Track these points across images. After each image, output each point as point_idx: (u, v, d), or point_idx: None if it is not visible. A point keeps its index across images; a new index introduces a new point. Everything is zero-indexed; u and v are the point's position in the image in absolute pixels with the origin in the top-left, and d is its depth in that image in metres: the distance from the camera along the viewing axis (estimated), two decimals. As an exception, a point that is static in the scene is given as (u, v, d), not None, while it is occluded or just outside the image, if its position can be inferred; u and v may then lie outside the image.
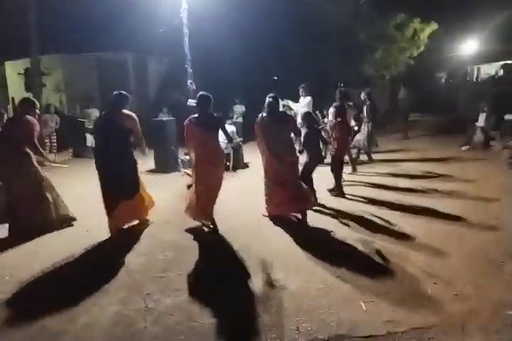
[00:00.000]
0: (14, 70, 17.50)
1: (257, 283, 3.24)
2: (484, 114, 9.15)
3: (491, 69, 15.16)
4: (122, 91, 4.46)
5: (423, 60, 16.97)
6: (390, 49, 16.37)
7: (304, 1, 15.66)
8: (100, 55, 17.49)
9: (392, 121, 13.27)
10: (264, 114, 4.79)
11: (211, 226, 4.51)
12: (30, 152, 4.52)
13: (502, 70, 13.08)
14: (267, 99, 4.80)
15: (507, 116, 8.27)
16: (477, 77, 17.31)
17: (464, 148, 9.30)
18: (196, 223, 4.61)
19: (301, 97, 8.11)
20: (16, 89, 17.61)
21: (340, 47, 16.29)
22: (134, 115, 4.41)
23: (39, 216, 4.51)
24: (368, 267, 3.50)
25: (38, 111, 4.82)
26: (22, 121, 4.49)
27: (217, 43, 14.41)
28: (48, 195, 4.59)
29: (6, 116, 5.54)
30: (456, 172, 6.92)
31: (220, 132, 4.53)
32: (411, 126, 12.52)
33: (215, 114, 4.47)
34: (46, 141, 9.45)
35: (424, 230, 4.29)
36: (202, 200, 4.45)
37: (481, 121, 9.15)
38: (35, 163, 4.56)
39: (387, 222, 4.59)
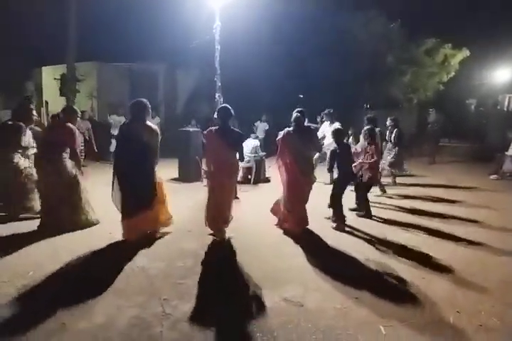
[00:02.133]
0: (50, 75, 18.22)
1: (274, 298, 3.20)
2: (514, 143, 8.97)
3: (523, 99, 14.93)
4: (142, 99, 4.43)
5: (453, 85, 16.87)
6: (418, 73, 16.35)
7: (335, 23, 15.89)
8: (133, 65, 18.09)
9: (419, 145, 13.12)
10: (291, 128, 4.84)
11: (217, 238, 4.50)
12: (67, 156, 4.75)
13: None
14: (294, 114, 4.84)
15: (538, 146, 8.08)
16: (508, 106, 17.03)
17: (492, 177, 9.08)
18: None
19: (325, 122, 8.31)
20: (51, 94, 18.30)
21: (370, 69, 16.36)
22: (157, 129, 4.38)
23: (67, 216, 4.65)
24: (389, 290, 3.42)
25: (79, 118, 5.07)
26: (66, 128, 4.73)
27: (247, 61, 14.70)
28: (78, 198, 4.73)
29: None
30: (483, 201, 6.75)
31: (247, 146, 4.60)
32: (439, 151, 12.34)
33: (235, 128, 4.53)
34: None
35: (448, 256, 4.17)
36: (212, 211, 4.50)
37: (511, 151, 8.95)
38: (72, 166, 4.75)
39: (412, 245, 4.50)
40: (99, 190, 5.26)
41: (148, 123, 4.38)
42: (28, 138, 5.23)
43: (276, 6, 13.99)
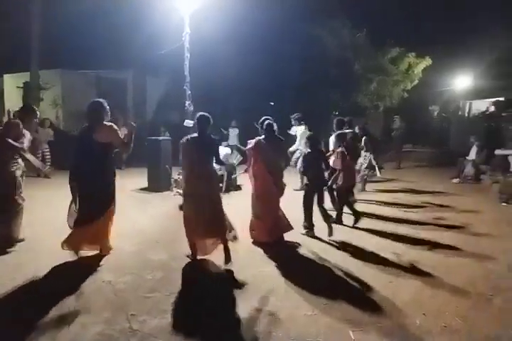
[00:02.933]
0: (13, 83, 17.61)
1: (245, 308, 3.18)
2: (475, 148, 9.36)
3: (483, 105, 15.61)
4: (98, 100, 4.20)
5: (417, 93, 17.46)
6: (384, 81, 16.83)
7: (303, 31, 16.21)
8: (100, 73, 17.72)
9: (385, 151, 13.47)
10: (262, 136, 4.85)
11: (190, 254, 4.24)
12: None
13: (493, 107, 13.48)
14: (266, 121, 4.85)
15: (497, 151, 8.45)
16: (469, 112, 17.79)
17: (454, 180, 9.43)
18: (186, 244, 4.52)
19: (294, 126, 8.64)
20: (14, 102, 17.65)
21: (338, 76, 16.72)
22: (113, 125, 4.06)
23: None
24: (358, 296, 3.48)
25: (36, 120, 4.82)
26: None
27: (216, 68, 14.74)
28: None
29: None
30: (447, 205, 7.00)
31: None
32: (404, 156, 12.72)
33: (213, 136, 4.39)
34: (38, 155, 9.42)
35: (414, 260, 4.29)
36: (187, 225, 4.18)
37: (472, 155, 9.34)
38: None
39: (379, 250, 4.59)
40: (57, 198, 5.10)
41: (105, 122, 4.08)
42: None
43: (245, 13, 14.14)
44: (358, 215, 5.57)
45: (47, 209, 5.99)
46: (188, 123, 7.16)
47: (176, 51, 8.23)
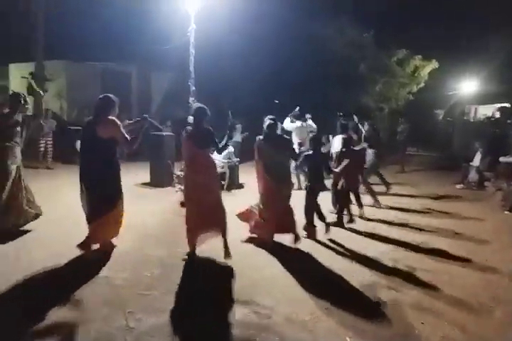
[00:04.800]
0: (19, 73, 17.57)
1: (243, 310, 3.16)
2: (480, 154, 9.28)
3: (488, 110, 15.54)
4: (108, 95, 4.18)
5: (422, 96, 17.38)
6: (390, 83, 16.77)
7: (309, 29, 16.13)
8: (105, 65, 17.66)
9: (389, 153, 13.41)
10: (262, 136, 4.81)
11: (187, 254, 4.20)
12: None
13: (498, 112, 13.39)
14: (267, 121, 4.80)
15: (501, 159, 8.38)
16: (474, 117, 17.71)
17: (458, 186, 9.37)
18: (185, 240, 4.49)
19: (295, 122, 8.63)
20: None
21: (342, 76, 16.64)
22: (115, 120, 4.03)
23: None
24: (358, 302, 3.44)
25: (27, 107, 4.85)
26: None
27: (222, 64, 14.68)
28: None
29: None
30: (450, 211, 6.92)
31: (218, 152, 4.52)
32: (408, 159, 12.65)
33: (209, 128, 4.33)
34: (42, 144, 9.43)
35: (414, 267, 4.25)
36: (191, 219, 4.22)
37: (476, 161, 9.26)
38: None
39: (381, 256, 4.55)
40: (61, 192, 5.11)
41: (108, 117, 4.05)
42: None
43: (251, 11, 14.06)
44: (341, 221, 5.59)
45: (46, 202, 5.95)
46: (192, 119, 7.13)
47: (181, 46, 8.19)
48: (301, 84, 16.95)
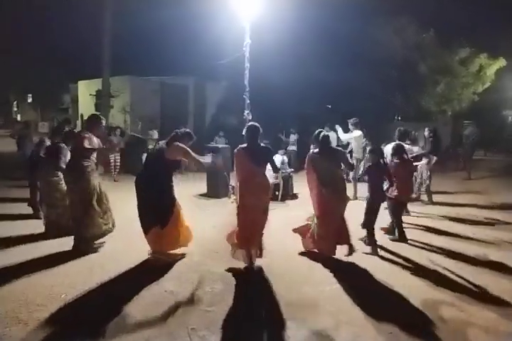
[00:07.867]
0: (86, 89, 18.91)
1: (302, 331, 3.10)
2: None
3: None
4: (187, 130, 4.70)
5: (488, 96, 16.30)
6: (452, 83, 15.90)
7: (366, 31, 15.76)
8: (164, 79, 18.50)
9: (453, 159, 12.69)
10: (316, 150, 4.76)
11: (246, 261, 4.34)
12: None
13: None
14: (320, 135, 4.75)
15: None
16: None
17: (532, 194, 8.64)
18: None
19: (350, 131, 8.28)
20: (86, 107, 18.98)
21: (400, 78, 16.08)
22: (183, 147, 4.42)
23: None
24: (426, 325, 3.24)
25: (102, 127, 5.18)
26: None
27: (276, 75, 14.76)
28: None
29: (46, 143, 5.86)
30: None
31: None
32: (474, 165, 11.87)
33: (264, 145, 4.47)
34: (111, 160, 10.05)
35: (484, 285, 3.95)
36: (242, 232, 4.33)
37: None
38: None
39: (450, 273, 4.28)
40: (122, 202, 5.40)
41: (176, 143, 4.44)
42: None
43: (305, 16, 14.04)
44: (403, 237, 5.30)
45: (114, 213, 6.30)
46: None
47: (236, 60, 8.37)
48: (355, 89, 16.58)
